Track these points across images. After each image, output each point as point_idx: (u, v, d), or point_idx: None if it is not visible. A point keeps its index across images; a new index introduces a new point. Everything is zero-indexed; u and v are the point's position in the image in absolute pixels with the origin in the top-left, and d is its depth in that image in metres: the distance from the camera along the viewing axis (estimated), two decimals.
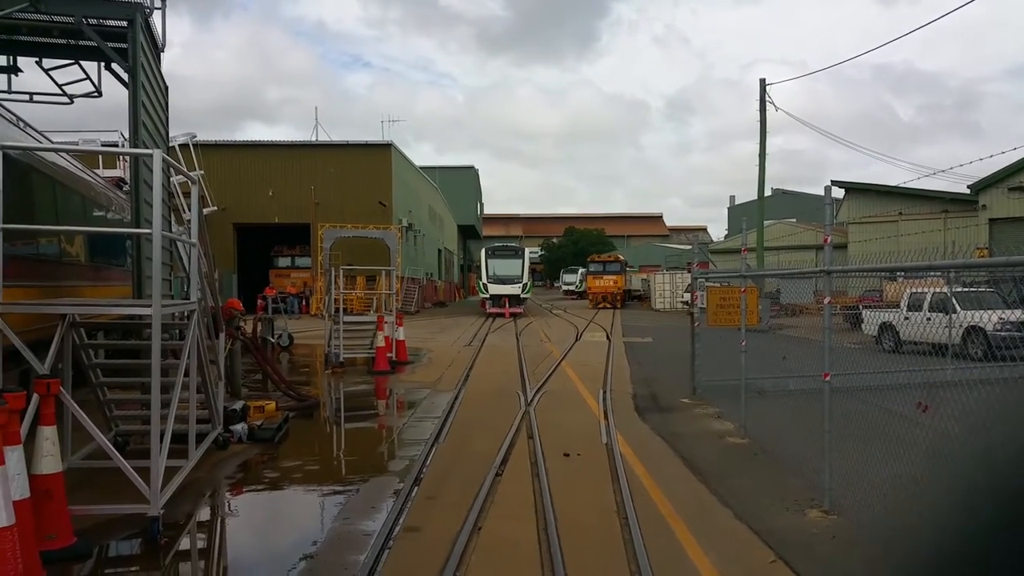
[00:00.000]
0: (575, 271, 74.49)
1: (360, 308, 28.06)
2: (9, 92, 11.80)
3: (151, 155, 7.07)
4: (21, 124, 10.60)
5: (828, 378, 6.87)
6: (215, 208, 29.47)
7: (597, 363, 17.93)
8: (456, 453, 9.04)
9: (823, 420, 6.84)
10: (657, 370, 16.62)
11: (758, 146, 32.63)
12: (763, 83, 32.39)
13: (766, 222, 35.07)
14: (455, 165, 76.60)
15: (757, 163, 32.69)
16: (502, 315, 37.20)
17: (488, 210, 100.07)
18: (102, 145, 18.17)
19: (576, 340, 24.89)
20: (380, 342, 17.55)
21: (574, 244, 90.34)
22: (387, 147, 42.14)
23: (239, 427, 9.53)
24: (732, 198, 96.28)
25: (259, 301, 28.83)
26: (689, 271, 22.01)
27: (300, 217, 39.31)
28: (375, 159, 41.49)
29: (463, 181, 74.18)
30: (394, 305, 20.15)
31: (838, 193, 46.02)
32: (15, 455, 4.98)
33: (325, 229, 22.17)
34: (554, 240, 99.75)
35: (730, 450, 9.23)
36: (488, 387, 14.27)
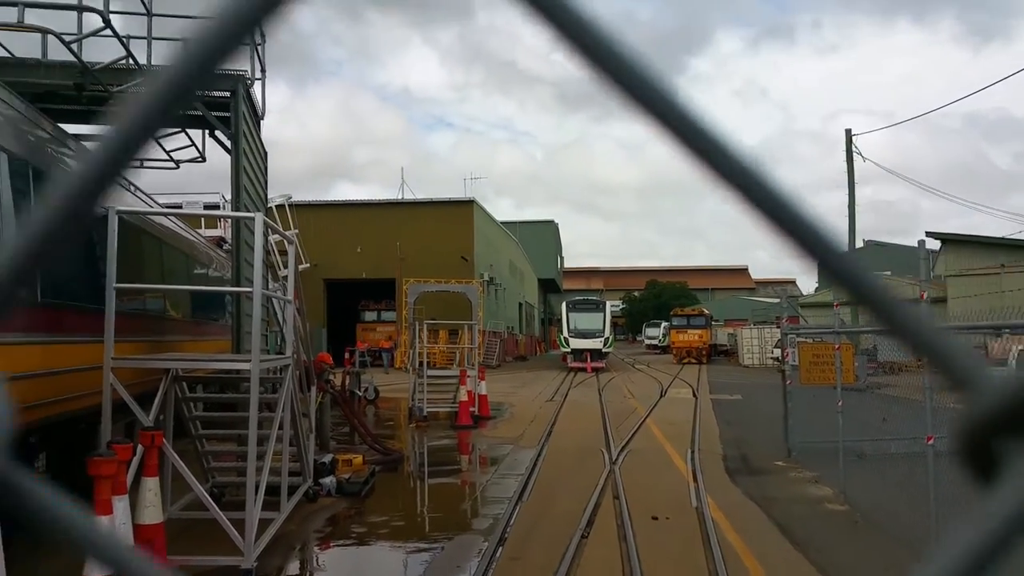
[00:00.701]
0: (658, 325, 73.39)
1: (443, 362, 28.33)
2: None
3: (252, 218, 7.41)
4: (132, 188, 11.31)
5: (932, 441, 6.52)
6: (308, 265, 30.54)
7: (683, 421, 17.51)
8: (540, 512, 8.92)
9: (929, 487, 6.47)
10: (747, 430, 16.10)
11: (847, 197, 31.83)
12: (849, 133, 31.76)
13: None
14: (535, 220, 77.36)
15: (846, 214, 31.85)
16: (584, 370, 36.89)
17: (568, 264, 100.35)
18: (204, 207, 19.18)
19: (661, 396, 24.42)
20: (463, 396, 17.64)
21: (656, 297, 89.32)
22: (469, 203, 43.00)
23: (328, 480, 9.67)
24: None
25: (346, 355, 29.51)
26: (778, 326, 21.40)
27: (386, 273, 40.30)
28: (458, 215, 42.36)
29: (543, 235, 74.74)
30: (476, 359, 20.27)
31: (933, 245, 44.20)
32: (122, 505, 5.19)
33: (409, 284, 22.65)
34: (635, 293, 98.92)
35: (829, 517, 8.80)
36: (571, 444, 14.09)
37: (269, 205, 13.26)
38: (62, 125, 8.68)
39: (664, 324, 65.86)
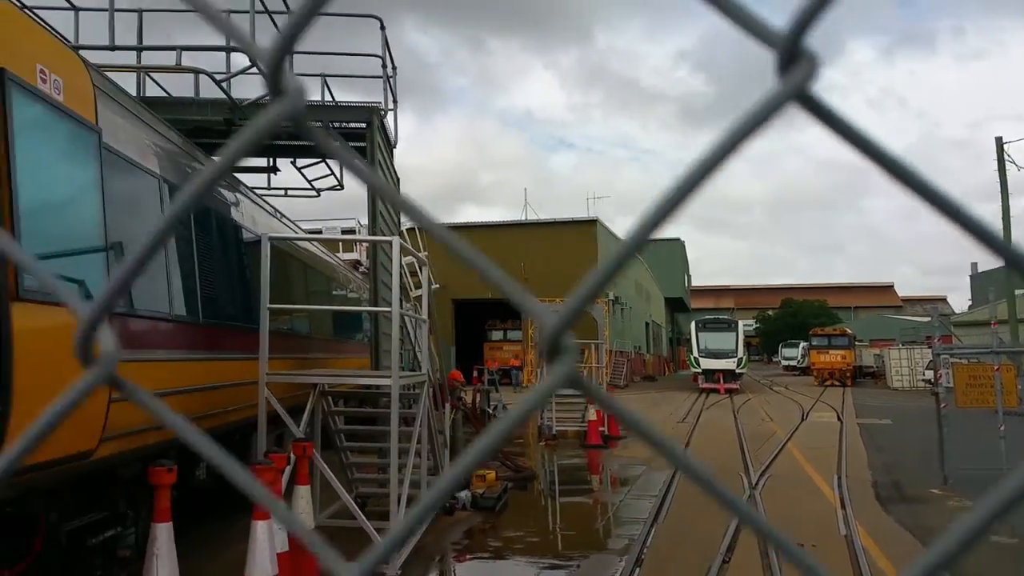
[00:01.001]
0: (795, 345, 70.28)
1: None
2: (268, 188, 13.49)
3: (390, 241, 7.72)
4: (278, 215, 12.04)
5: None
6: (437, 286, 31.40)
7: (828, 446, 16.66)
8: (678, 535, 8.72)
9: None
10: (899, 456, 15.12)
11: (1000, 208, 29.56)
12: (1000, 142, 29.53)
13: (1018, 291, 31.33)
14: (660, 238, 76.00)
15: (1000, 227, 29.55)
16: (716, 391, 35.84)
17: (696, 282, 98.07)
18: (342, 232, 20.14)
19: (802, 420, 23.35)
20: (592, 416, 17.56)
21: (792, 316, 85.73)
22: (592, 223, 42.95)
23: (463, 495, 9.85)
24: (974, 265, 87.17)
25: (475, 373, 30.02)
26: (930, 346, 20.07)
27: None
28: (581, 235, 42.39)
29: (669, 254, 73.50)
30: (604, 378, 20.13)
31: None
32: (300, 499, 5.49)
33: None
34: (769, 312, 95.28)
35: (995, 550, 8.11)
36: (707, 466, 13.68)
37: (401, 228, 13.76)
38: (214, 157, 9.38)
39: (803, 344, 63.07)
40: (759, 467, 13.42)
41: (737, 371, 38.10)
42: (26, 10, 5.90)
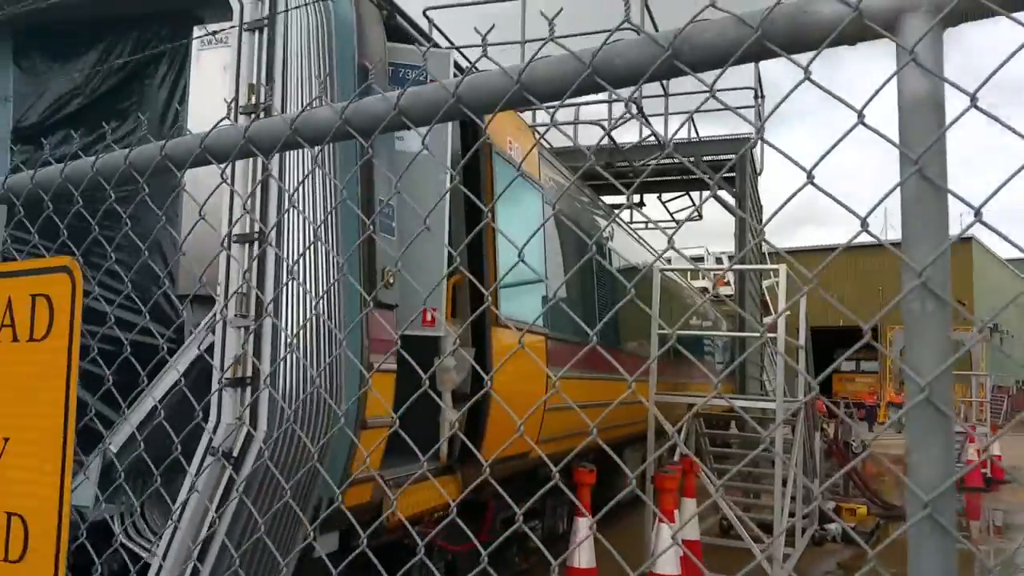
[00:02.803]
0: None
1: None
2: (630, 222, 14.61)
3: (777, 269, 8.12)
4: (644, 244, 13.03)
5: None
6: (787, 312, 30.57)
7: None
8: None
9: None
10: None
11: None
12: None
13: None
14: None
15: None
16: None
17: None
18: (691, 259, 20.79)
19: None
20: (971, 455, 15.98)
21: None
22: (967, 241, 38.43)
23: (834, 527, 9.77)
24: None
25: (820, 404, 28.63)
26: None
27: (863, 317, 38.01)
28: (953, 255, 38.12)
29: None
30: (986, 414, 18.14)
31: None
32: (678, 516, 6.18)
33: (895, 331, 21.27)
34: None
35: None
36: None
37: (764, 251, 13.99)
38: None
39: None
40: None
41: None
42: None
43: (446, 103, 1.24)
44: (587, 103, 11.74)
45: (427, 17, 10.00)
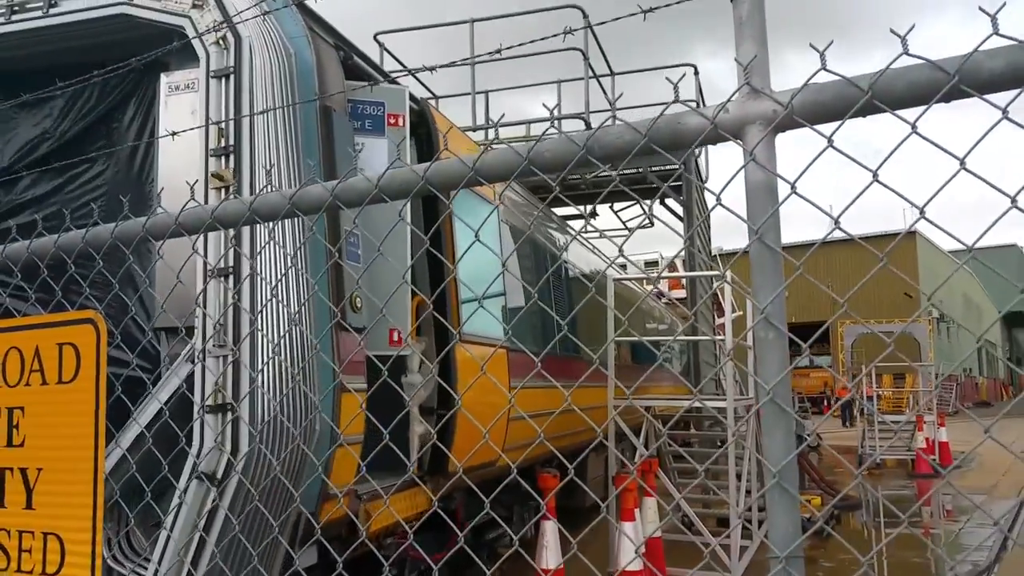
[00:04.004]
0: None
1: (888, 408, 26.61)
2: (585, 231, 14.96)
3: (713, 276, 8.53)
4: (597, 252, 13.41)
5: None
6: (739, 313, 31.31)
7: None
8: None
9: None
10: None
11: None
12: None
13: None
14: (992, 245, 67.66)
15: None
16: None
17: None
18: (645, 264, 21.27)
19: None
20: (920, 443, 16.66)
21: None
22: (911, 236, 39.79)
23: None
24: None
25: None
26: None
27: (817, 315, 39.07)
28: (899, 250, 39.46)
29: (1004, 263, 64.89)
30: (933, 404, 18.90)
31: None
32: (639, 515, 6.51)
33: (846, 326, 22.03)
34: None
35: None
36: None
37: (714, 254, 14.48)
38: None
39: None
40: None
41: None
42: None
43: (416, 184, 1.53)
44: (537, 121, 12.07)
45: (378, 42, 10.26)
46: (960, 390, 41.61)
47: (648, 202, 12.39)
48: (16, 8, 4.34)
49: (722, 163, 27.12)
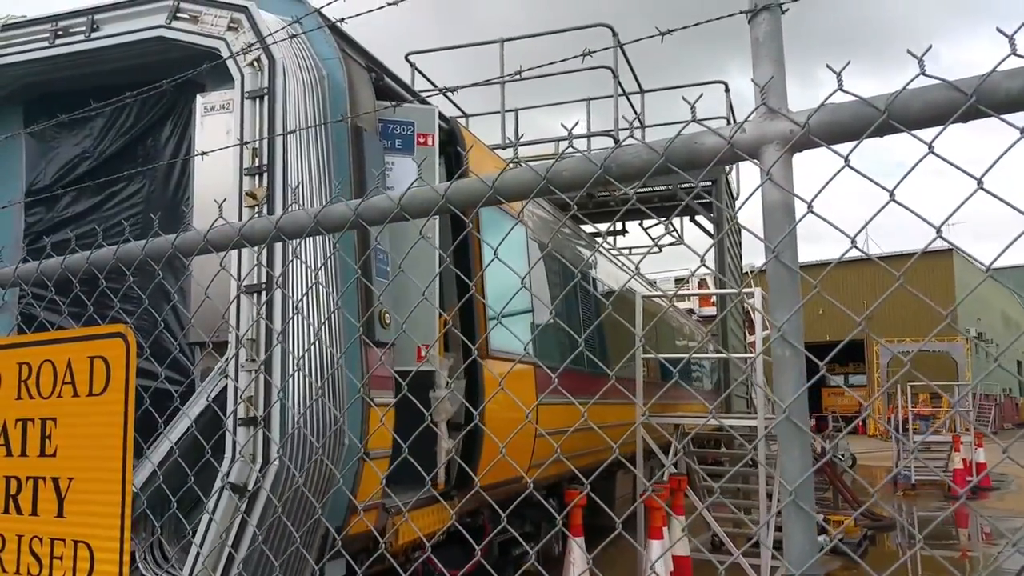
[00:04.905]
0: None
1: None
2: (614, 248, 14.97)
3: (734, 292, 8.46)
4: (627, 270, 13.37)
5: None
6: (767, 332, 30.95)
7: None
8: None
9: None
10: None
11: None
12: None
13: None
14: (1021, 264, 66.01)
15: None
16: None
17: None
18: (675, 281, 21.16)
19: None
20: (957, 464, 16.30)
21: None
22: (947, 253, 39.07)
23: (821, 538, 9.97)
24: None
25: (813, 420, 28.97)
26: None
27: (848, 330, 38.52)
28: (933, 267, 38.79)
29: None
30: (972, 423, 18.50)
31: None
32: (667, 533, 6.45)
33: (880, 345, 21.68)
34: None
35: None
36: None
37: (746, 272, 14.36)
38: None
39: None
40: None
41: None
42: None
43: (437, 202, 1.57)
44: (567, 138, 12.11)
45: (409, 62, 10.39)
46: (999, 410, 40.59)
47: (666, 220, 12.35)
48: (60, 33, 4.49)
49: (754, 179, 26.98)
